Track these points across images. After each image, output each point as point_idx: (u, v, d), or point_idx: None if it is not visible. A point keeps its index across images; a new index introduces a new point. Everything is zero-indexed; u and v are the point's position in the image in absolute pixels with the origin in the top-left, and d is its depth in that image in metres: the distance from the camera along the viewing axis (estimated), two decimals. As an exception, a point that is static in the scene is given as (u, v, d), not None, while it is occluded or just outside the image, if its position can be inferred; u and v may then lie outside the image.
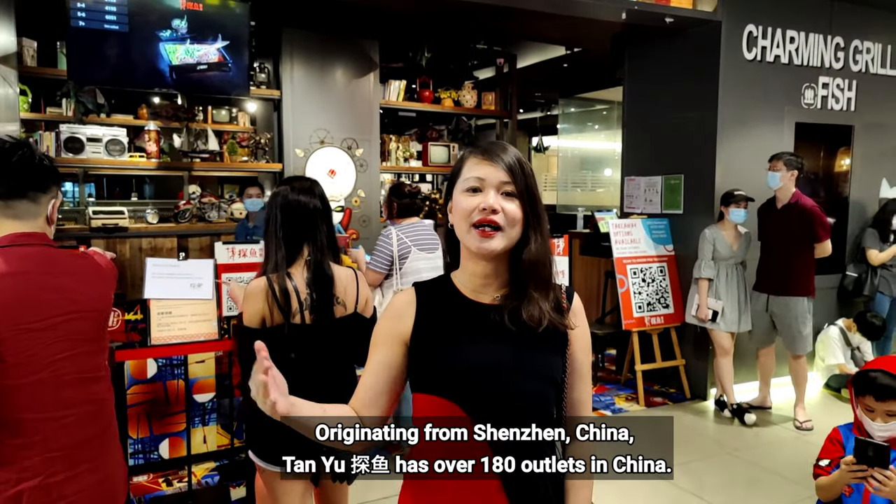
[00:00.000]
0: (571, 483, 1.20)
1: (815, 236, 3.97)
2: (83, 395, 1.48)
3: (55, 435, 1.42)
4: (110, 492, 1.53)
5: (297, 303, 1.93)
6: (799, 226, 3.99)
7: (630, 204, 5.21)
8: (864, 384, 1.75)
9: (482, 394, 1.11)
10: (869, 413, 1.74)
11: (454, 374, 1.12)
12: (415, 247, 3.30)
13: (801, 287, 4.04)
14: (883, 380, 1.72)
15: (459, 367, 1.12)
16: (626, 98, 5.28)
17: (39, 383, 1.40)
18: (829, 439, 1.85)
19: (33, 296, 1.42)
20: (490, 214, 1.09)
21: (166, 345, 2.85)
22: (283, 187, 2.04)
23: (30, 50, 4.32)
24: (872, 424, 1.73)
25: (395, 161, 5.92)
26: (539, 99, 9.44)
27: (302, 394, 1.91)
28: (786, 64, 4.72)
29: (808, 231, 3.97)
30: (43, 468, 1.40)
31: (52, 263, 1.48)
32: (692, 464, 3.57)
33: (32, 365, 1.39)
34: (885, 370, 1.75)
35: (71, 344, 1.46)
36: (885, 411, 1.72)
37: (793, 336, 4.06)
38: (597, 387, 5.00)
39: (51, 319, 1.43)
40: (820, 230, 3.97)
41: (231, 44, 4.34)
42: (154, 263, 2.85)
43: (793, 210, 4.02)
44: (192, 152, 4.98)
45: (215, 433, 3.50)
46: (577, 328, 1.20)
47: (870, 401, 1.73)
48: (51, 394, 1.42)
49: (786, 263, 4.09)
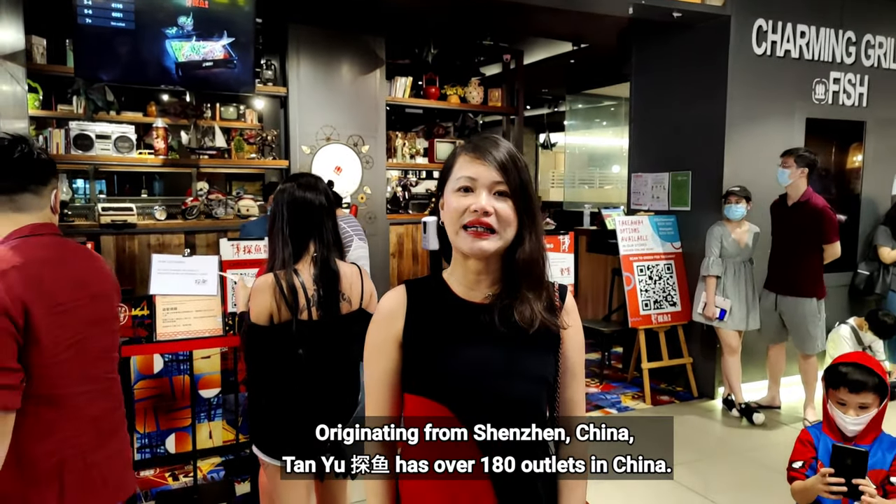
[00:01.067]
0: (565, 483, 1.19)
1: (825, 237, 3.91)
2: (102, 371, 1.61)
3: (84, 406, 1.54)
4: (127, 460, 1.68)
5: (304, 299, 1.94)
6: (808, 225, 3.94)
7: (637, 201, 5.18)
8: (838, 378, 1.79)
9: (471, 397, 1.09)
10: (841, 406, 1.77)
11: (443, 377, 1.11)
12: (355, 236, 3.29)
13: (809, 288, 3.99)
14: (855, 374, 1.76)
15: (448, 370, 1.10)
16: (634, 94, 5.25)
17: (69, 360, 1.51)
18: (799, 440, 1.86)
19: (60, 279, 1.51)
20: (482, 216, 1.06)
21: (171, 340, 2.86)
22: (288, 184, 2.06)
23: (39, 48, 4.35)
24: (845, 418, 1.76)
25: (402, 158, 5.91)
26: (546, 95, 9.39)
27: (310, 389, 1.93)
28: (796, 59, 4.67)
29: (817, 231, 3.92)
30: (76, 438, 1.51)
31: (68, 250, 1.60)
32: (698, 463, 3.55)
33: (63, 343, 1.49)
34: (857, 363, 1.80)
35: (93, 323, 1.58)
36: (857, 404, 1.76)
37: (801, 336, 4.02)
38: (603, 385, 4.98)
39: (76, 301, 1.54)
40: (831, 231, 3.90)
41: (236, 41, 4.34)
42: (160, 260, 2.87)
43: (803, 209, 3.96)
44: (199, 149, 5.00)
45: (221, 428, 3.52)
46: (570, 327, 1.18)
47: (843, 394, 1.77)
48: (78, 369, 1.53)
49: (794, 263, 4.04)
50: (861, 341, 4.70)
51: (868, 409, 1.75)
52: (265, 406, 2.00)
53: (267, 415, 2.00)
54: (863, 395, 1.75)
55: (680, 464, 3.53)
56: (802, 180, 3.98)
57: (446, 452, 1.10)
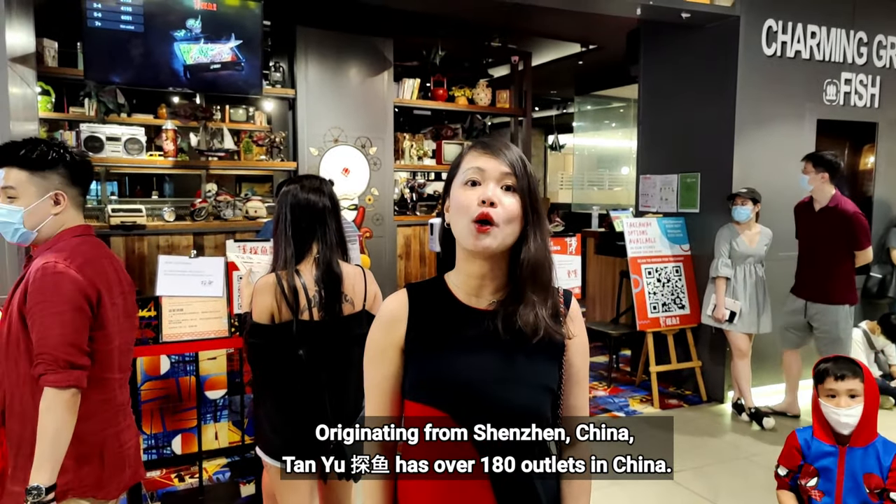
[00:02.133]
0: (569, 492, 1.17)
1: (856, 243, 3.82)
2: (128, 362, 1.78)
3: (119, 391, 1.73)
4: (140, 448, 1.85)
5: (305, 300, 1.94)
6: (838, 231, 3.85)
7: (645, 203, 5.15)
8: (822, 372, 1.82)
9: (473, 406, 1.08)
10: (832, 399, 1.76)
11: (445, 386, 1.09)
12: None
13: (841, 294, 3.89)
14: (839, 362, 1.81)
15: (451, 379, 1.09)
16: (642, 95, 5.22)
17: (116, 349, 1.69)
18: (788, 445, 1.85)
19: (111, 275, 1.70)
20: (488, 207, 1.05)
21: (178, 342, 2.87)
22: (292, 185, 2.06)
23: (51, 50, 4.39)
24: (838, 411, 1.76)
25: (410, 160, 5.92)
26: (555, 97, 9.37)
27: (310, 390, 1.93)
28: (807, 59, 4.62)
29: (850, 237, 3.83)
30: (114, 420, 1.69)
31: (106, 250, 1.78)
32: (707, 468, 3.52)
33: (114, 332, 1.68)
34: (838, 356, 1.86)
35: (128, 316, 1.76)
36: (846, 391, 1.76)
37: (832, 342, 3.88)
38: (611, 388, 4.95)
39: (122, 295, 1.73)
40: (862, 237, 3.81)
41: (244, 43, 4.36)
42: (166, 261, 2.88)
43: (832, 214, 3.86)
44: (208, 151, 5.03)
45: (227, 430, 3.53)
46: (575, 335, 1.16)
47: (830, 383, 1.78)
48: (118, 358, 1.71)
49: (825, 269, 3.92)
50: (873, 345, 4.64)
51: (857, 397, 1.75)
52: (266, 407, 2.00)
53: (268, 415, 2.00)
54: (849, 381, 1.77)
55: (688, 469, 3.49)
56: (826, 185, 3.88)
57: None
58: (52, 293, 1.54)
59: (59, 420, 1.49)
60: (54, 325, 1.52)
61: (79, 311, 1.56)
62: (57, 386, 1.49)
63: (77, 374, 1.52)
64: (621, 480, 3.45)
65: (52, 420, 1.49)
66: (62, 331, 1.52)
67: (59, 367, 1.50)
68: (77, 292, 1.56)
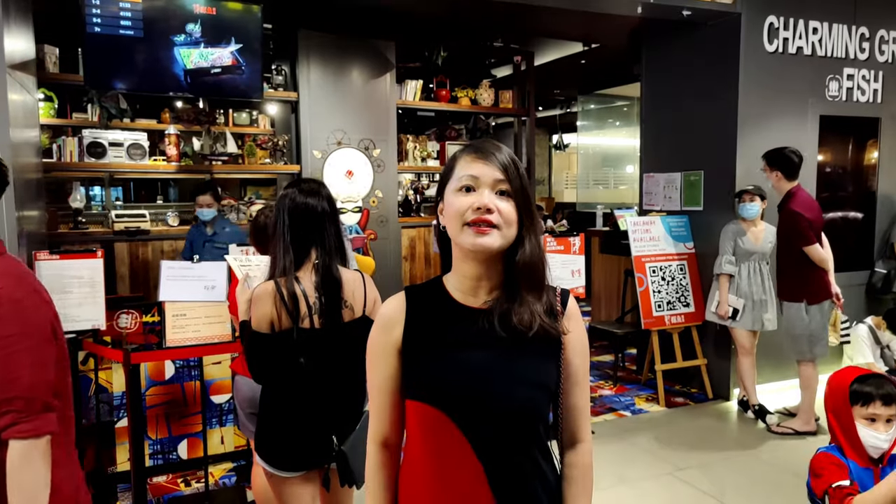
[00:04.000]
0: (570, 493, 1.17)
1: (797, 241, 3.78)
2: None
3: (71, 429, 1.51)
4: None
5: (305, 307, 1.91)
6: (784, 229, 3.88)
7: (649, 201, 5.13)
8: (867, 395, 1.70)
9: (470, 404, 1.08)
10: (871, 423, 1.69)
11: (442, 384, 1.10)
12: None
13: (792, 292, 3.88)
14: (886, 386, 1.71)
15: (447, 377, 1.09)
16: (644, 94, 5.20)
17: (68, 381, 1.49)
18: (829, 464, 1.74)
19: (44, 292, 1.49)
20: (485, 214, 1.05)
21: (181, 347, 2.88)
22: (290, 189, 2.02)
23: (52, 56, 4.41)
24: (878, 435, 1.68)
25: (413, 161, 5.91)
26: (558, 96, 9.34)
27: (311, 398, 1.92)
28: (809, 55, 4.60)
29: (791, 236, 3.82)
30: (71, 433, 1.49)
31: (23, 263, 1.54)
32: (713, 465, 3.50)
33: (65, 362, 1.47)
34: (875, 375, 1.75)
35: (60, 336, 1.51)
36: (888, 416, 1.70)
37: (788, 340, 3.93)
38: (616, 387, 4.93)
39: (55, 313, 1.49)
40: (795, 237, 3.77)
41: (244, 47, 4.37)
42: (169, 266, 2.89)
43: (782, 212, 3.89)
44: (212, 155, 5.04)
45: (232, 434, 3.53)
46: (572, 332, 1.16)
47: (876, 408, 1.69)
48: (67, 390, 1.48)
49: (781, 267, 3.98)
50: (879, 341, 4.61)
51: (893, 421, 1.70)
52: (267, 414, 1.99)
53: (269, 423, 1.98)
54: (893, 407, 1.70)
55: (694, 466, 3.48)
56: (781, 182, 3.88)
57: (446, 458, 1.09)
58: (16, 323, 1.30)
59: (38, 476, 1.27)
60: (24, 362, 1.29)
61: (48, 343, 1.35)
62: (34, 435, 1.27)
63: (52, 418, 1.32)
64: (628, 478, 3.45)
65: (32, 478, 1.26)
66: (34, 369, 1.29)
67: (33, 413, 1.28)
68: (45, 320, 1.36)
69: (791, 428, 3.92)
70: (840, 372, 1.83)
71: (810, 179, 4.63)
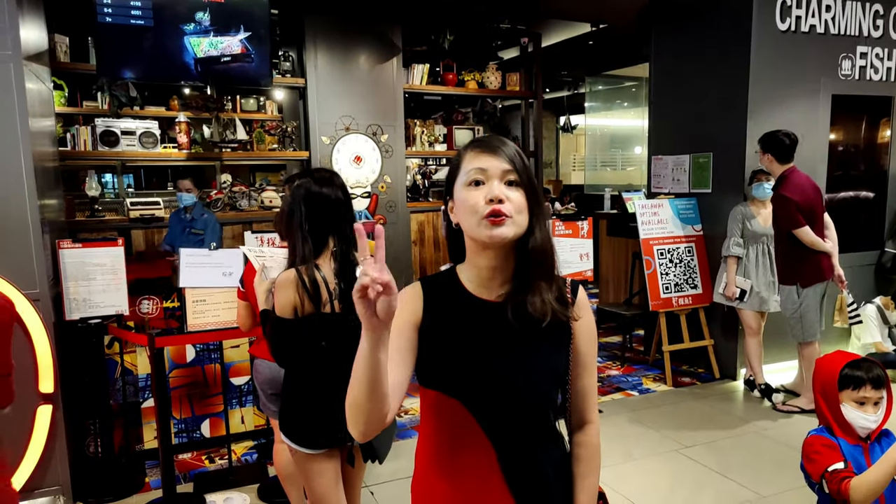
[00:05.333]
0: (578, 471, 1.23)
1: (785, 223, 3.80)
2: None
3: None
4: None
5: (326, 293, 1.98)
6: (775, 212, 3.91)
7: (657, 184, 5.15)
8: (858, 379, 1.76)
9: (484, 394, 1.13)
10: (860, 406, 1.75)
11: (457, 374, 1.14)
12: None
13: (785, 274, 3.92)
14: (874, 369, 1.77)
15: (462, 367, 1.13)
16: (653, 75, 5.19)
17: None
18: (821, 446, 1.78)
19: None
20: (497, 204, 1.08)
21: (201, 331, 2.96)
22: (304, 179, 2.07)
23: (63, 46, 4.45)
24: (867, 417, 1.73)
25: (421, 146, 5.94)
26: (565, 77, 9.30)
27: (334, 379, 2.00)
28: (821, 34, 4.57)
29: (778, 219, 3.85)
30: None
31: None
32: (719, 443, 3.58)
33: None
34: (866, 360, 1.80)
35: None
36: (877, 398, 1.75)
37: (785, 322, 3.98)
38: (624, 367, 5.00)
39: None
40: (782, 219, 3.80)
41: (253, 35, 4.40)
42: (188, 254, 2.96)
43: (774, 196, 3.91)
44: (221, 142, 5.10)
45: (252, 414, 3.64)
46: (581, 319, 1.20)
47: (867, 391, 1.74)
48: None
49: (776, 250, 4.02)
50: (887, 321, 4.65)
51: (879, 403, 1.75)
52: (292, 396, 2.07)
53: (295, 404, 2.06)
54: (881, 390, 1.75)
55: (700, 444, 3.55)
56: (774, 165, 3.89)
57: (458, 442, 1.15)
58: None
59: None
60: None
61: None
62: None
63: None
64: (635, 456, 3.52)
65: None
66: None
67: None
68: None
69: (797, 406, 3.99)
70: (830, 356, 1.88)
71: (821, 160, 4.64)
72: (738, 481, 3.15)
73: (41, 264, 2.78)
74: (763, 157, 3.94)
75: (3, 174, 2.71)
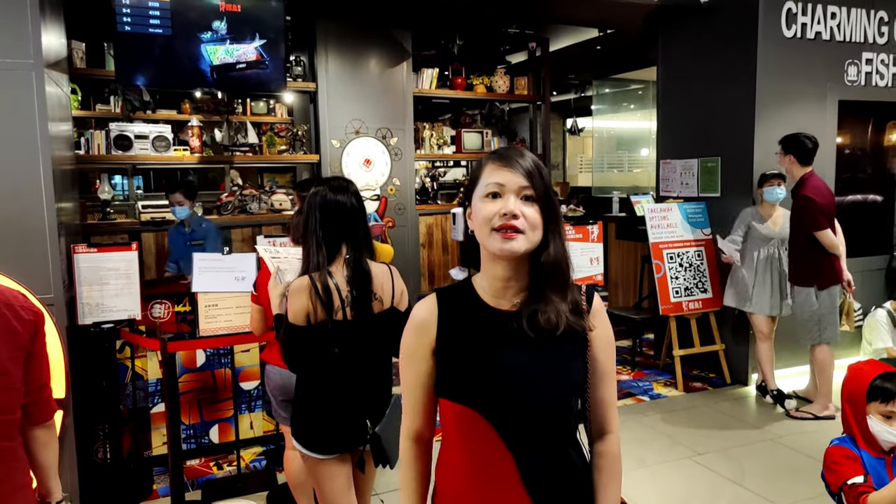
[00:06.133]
0: (599, 481, 1.23)
1: (808, 225, 3.79)
2: None
3: None
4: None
5: (339, 300, 2.00)
6: (795, 214, 3.90)
7: (666, 188, 5.15)
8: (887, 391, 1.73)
9: (503, 404, 1.14)
10: (887, 420, 1.73)
11: (475, 385, 1.15)
12: None
13: (802, 276, 3.91)
14: None
15: (480, 378, 1.15)
16: (661, 80, 5.19)
17: None
18: (841, 457, 1.76)
19: None
20: (511, 219, 1.11)
21: (214, 336, 2.98)
22: (320, 187, 2.10)
23: (79, 52, 4.50)
24: (893, 431, 1.71)
25: (429, 149, 5.96)
26: (573, 80, 9.30)
27: (344, 383, 2.01)
28: (827, 40, 4.57)
29: (801, 220, 3.84)
30: None
31: None
32: (732, 450, 3.56)
33: None
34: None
35: None
36: None
37: (798, 325, 3.98)
38: (634, 372, 5.00)
39: None
40: (807, 220, 3.79)
41: (268, 42, 4.44)
42: (201, 258, 2.98)
43: (794, 197, 3.91)
44: (232, 146, 5.13)
45: (261, 419, 3.65)
46: (598, 328, 1.21)
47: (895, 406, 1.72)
48: None
49: (792, 252, 4.01)
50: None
51: None
52: (305, 401, 2.08)
53: (307, 410, 2.08)
54: None
55: (713, 451, 3.54)
56: (794, 167, 3.89)
57: (479, 453, 1.16)
58: None
59: None
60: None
61: None
62: None
63: None
64: (648, 462, 3.51)
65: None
66: None
67: None
68: None
69: (810, 413, 3.97)
70: (862, 364, 1.85)
71: (829, 164, 4.63)
72: (753, 490, 3.13)
73: (56, 269, 2.80)
74: (784, 159, 3.93)
75: (22, 178, 2.74)
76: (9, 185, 2.70)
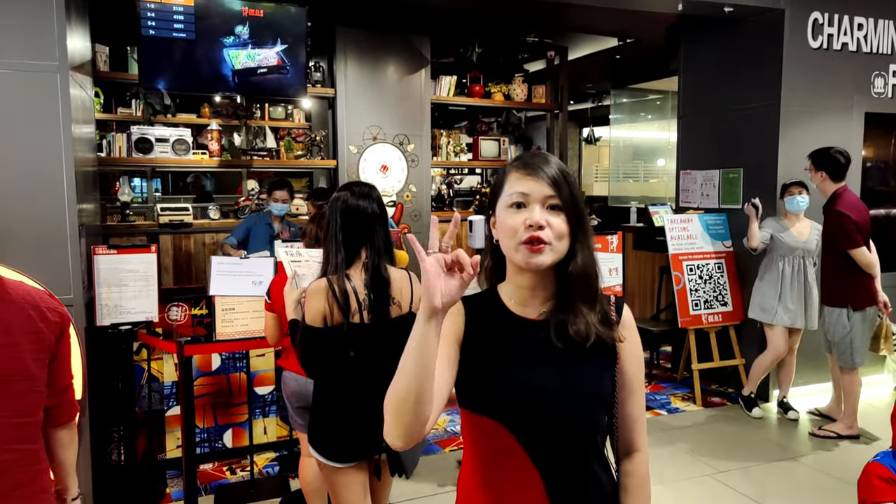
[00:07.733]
0: (626, 502, 1.19)
1: (841, 243, 3.70)
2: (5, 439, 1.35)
3: None
4: None
5: (356, 303, 1.99)
6: (828, 231, 3.81)
7: (686, 198, 5.09)
8: None
9: (528, 416, 1.10)
10: None
11: (500, 397, 1.11)
12: None
13: (834, 297, 3.80)
14: None
15: (505, 390, 1.11)
16: (682, 90, 5.15)
17: None
18: (875, 478, 1.68)
19: None
20: (537, 231, 1.06)
21: (230, 340, 2.97)
22: (342, 192, 2.11)
23: (102, 55, 4.55)
24: None
25: (446, 156, 5.95)
26: (590, 90, 9.27)
27: (361, 388, 1.99)
28: (854, 52, 4.50)
29: (834, 238, 3.75)
30: None
31: None
32: (753, 468, 3.49)
33: None
34: None
35: None
36: None
37: (834, 347, 3.86)
38: (652, 385, 4.92)
39: None
40: (840, 238, 3.69)
41: (289, 47, 4.46)
42: (218, 262, 2.98)
43: (826, 213, 3.82)
44: (251, 150, 5.15)
45: (275, 424, 3.63)
46: (627, 341, 1.17)
47: None
48: None
49: (825, 270, 3.91)
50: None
51: None
52: (320, 407, 2.06)
53: (323, 415, 2.06)
54: None
55: (734, 469, 3.47)
56: (826, 183, 3.80)
57: (502, 466, 1.12)
58: None
59: None
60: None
61: None
62: None
63: None
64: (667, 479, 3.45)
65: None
66: None
67: None
68: None
69: (834, 431, 3.88)
70: None
71: (855, 177, 4.55)
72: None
73: (76, 270, 2.81)
74: (815, 175, 3.85)
75: (45, 179, 2.75)
76: (32, 185, 2.72)
